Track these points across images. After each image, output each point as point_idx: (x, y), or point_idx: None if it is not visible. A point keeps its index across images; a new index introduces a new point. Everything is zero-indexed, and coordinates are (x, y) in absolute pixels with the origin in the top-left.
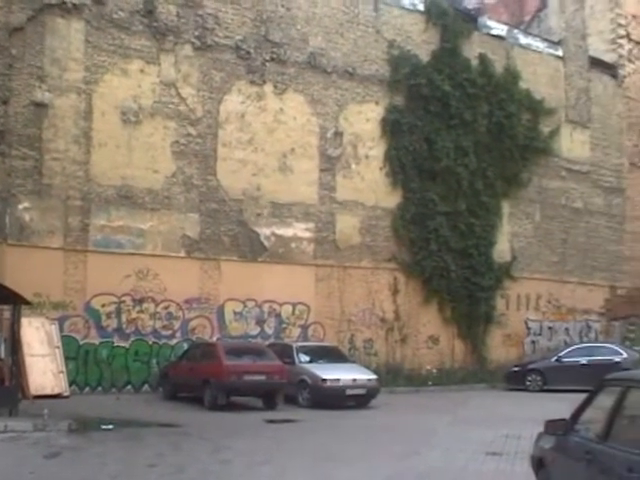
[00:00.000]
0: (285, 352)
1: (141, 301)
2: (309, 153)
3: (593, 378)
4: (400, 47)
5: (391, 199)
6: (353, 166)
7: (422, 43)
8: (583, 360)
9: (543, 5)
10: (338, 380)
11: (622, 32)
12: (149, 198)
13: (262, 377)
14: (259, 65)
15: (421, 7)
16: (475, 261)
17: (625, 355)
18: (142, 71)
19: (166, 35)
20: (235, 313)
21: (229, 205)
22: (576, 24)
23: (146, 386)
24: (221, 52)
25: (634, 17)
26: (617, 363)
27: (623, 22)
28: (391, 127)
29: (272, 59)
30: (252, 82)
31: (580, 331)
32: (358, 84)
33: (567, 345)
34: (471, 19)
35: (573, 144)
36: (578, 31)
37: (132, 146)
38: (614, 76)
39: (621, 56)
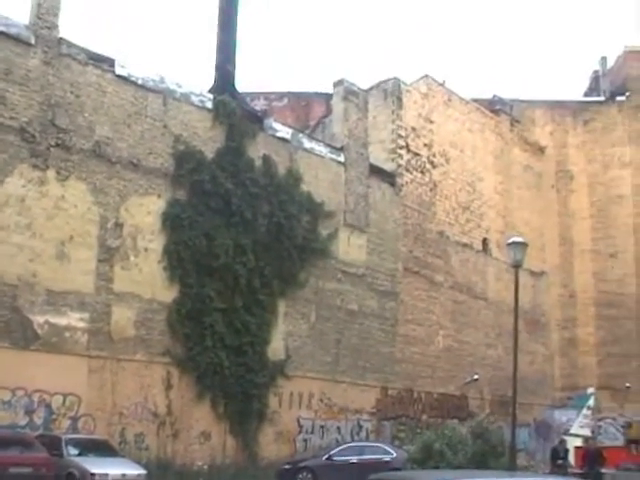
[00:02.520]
0: (54, 444)
1: None
2: (88, 242)
3: (363, 476)
4: (186, 142)
5: (168, 293)
6: (132, 258)
7: (208, 140)
8: (353, 459)
9: (328, 112)
10: (107, 475)
11: (402, 143)
12: None
13: (28, 469)
14: (43, 149)
15: (209, 105)
16: (250, 358)
17: (394, 454)
18: None
19: None
20: (3, 402)
21: (3, 290)
22: (358, 132)
23: None
24: (5, 133)
25: (413, 129)
26: (387, 462)
27: (403, 134)
28: (172, 221)
29: (57, 144)
30: (35, 166)
31: (352, 430)
32: (142, 176)
33: (338, 444)
34: (258, 120)
35: (350, 247)
36: (360, 139)
37: None
38: (392, 184)
39: (400, 165)
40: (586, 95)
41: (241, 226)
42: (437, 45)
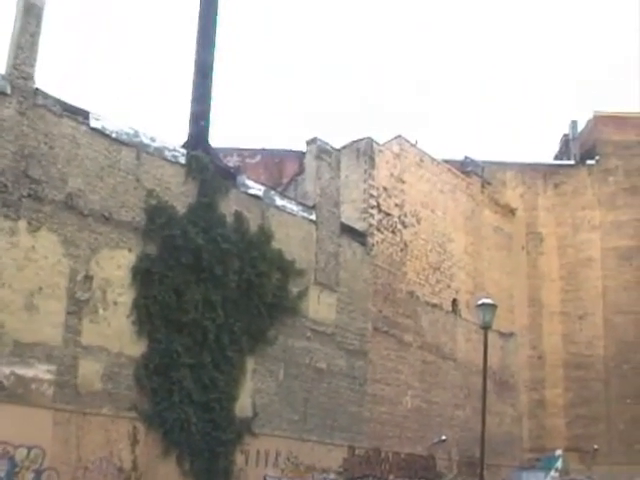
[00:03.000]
0: None
1: None
2: (57, 294)
3: None
4: (158, 197)
5: (136, 348)
6: (101, 311)
7: (180, 195)
8: None
9: (301, 170)
10: None
11: (373, 203)
12: None
13: None
14: (15, 200)
15: (182, 160)
16: (217, 415)
17: None
18: None
19: None
20: None
21: None
22: (330, 191)
23: None
24: None
25: (385, 189)
26: None
27: (375, 193)
28: (142, 275)
29: (29, 195)
30: (6, 216)
31: None
32: (113, 229)
33: None
34: (230, 176)
35: (320, 306)
36: (332, 198)
37: None
38: (363, 244)
39: (371, 225)
40: (556, 158)
41: (211, 282)
42: (410, 106)
